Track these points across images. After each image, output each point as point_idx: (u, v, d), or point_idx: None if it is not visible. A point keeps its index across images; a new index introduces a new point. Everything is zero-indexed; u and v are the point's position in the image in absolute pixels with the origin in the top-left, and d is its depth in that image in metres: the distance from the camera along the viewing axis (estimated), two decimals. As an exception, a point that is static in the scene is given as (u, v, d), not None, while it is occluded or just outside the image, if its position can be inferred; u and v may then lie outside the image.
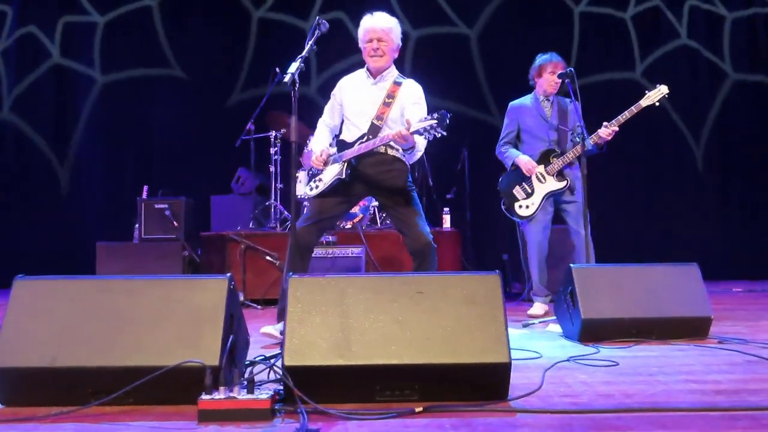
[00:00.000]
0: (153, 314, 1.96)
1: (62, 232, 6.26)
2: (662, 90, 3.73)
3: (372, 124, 3.02)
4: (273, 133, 5.16)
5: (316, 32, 2.92)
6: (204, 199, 5.54)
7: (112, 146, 6.47)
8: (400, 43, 3.14)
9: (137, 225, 5.08)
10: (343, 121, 3.19)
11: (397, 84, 3.08)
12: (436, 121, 2.67)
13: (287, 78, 2.66)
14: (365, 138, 3.00)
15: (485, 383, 1.90)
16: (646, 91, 3.76)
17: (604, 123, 3.77)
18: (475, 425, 1.70)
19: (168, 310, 1.96)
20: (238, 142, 5.21)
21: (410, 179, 3.13)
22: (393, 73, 3.13)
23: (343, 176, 3.00)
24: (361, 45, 3.10)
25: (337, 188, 3.04)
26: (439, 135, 2.70)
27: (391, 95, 3.04)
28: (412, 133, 2.76)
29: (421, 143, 2.96)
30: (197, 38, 6.41)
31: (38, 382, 1.88)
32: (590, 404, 1.87)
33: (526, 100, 4.11)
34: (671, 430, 1.64)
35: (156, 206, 5.02)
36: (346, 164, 3.00)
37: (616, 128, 3.76)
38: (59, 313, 1.97)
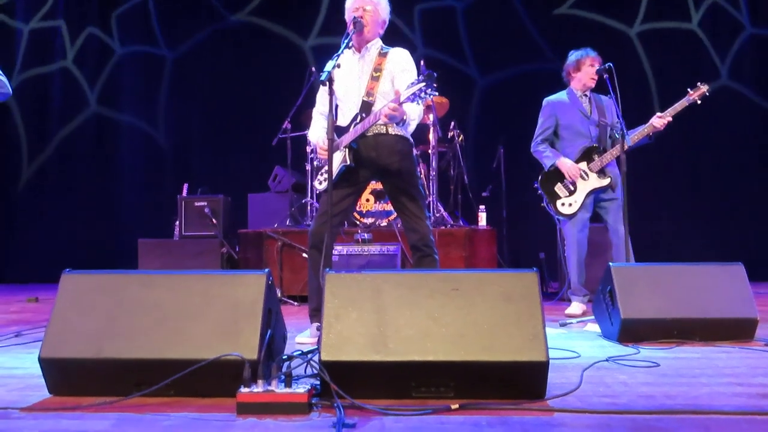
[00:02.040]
0: (194, 308, 2.00)
1: (106, 229, 6.47)
2: (702, 89, 3.67)
3: (363, 101, 2.94)
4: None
5: (353, 31, 2.91)
6: (242, 196, 5.63)
7: (154, 146, 6.66)
8: (387, 19, 3.05)
9: (177, 222, 5.20)
10: (337, 106, 3.06)
11: (383, 55, 2.98)
12: (424, 83, 2.59)
13: (324, 75, 2.66)
14: (359, 118, 2.92)
15: (522, 382, 1.88)
16: (688, 89, 3.70)
17: (657, 113, 3.72)
18: (511, 423, 1.68)
19: (208, 305, 2.00)
20: (274, 140, 5.29)
21: (416, 162, 3.02)
22: (378, 44, 3.03)
23: (348, 162, 2.91)
24: (347, 16, 2.98)
25: (343, 176, 2.95)
26: (430, 96, 2.63)
27: (378, 68, 2.95)
28: (403, 103, 2.68)
29: (414, 111, 2.86)
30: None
31: (84, 373, 1.94)
32: (630, 405, 1.84)
33: (563, 95, 4.03)
34: (715, 433, 1.59)
35: (195, 204, 5.14)
36: (347, 149, 2.91)
37: (670, 119, 3.69)
38: (104, 306, 2.03)
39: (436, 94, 2.63)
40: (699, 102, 3.68)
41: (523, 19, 6.38)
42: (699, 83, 3.69)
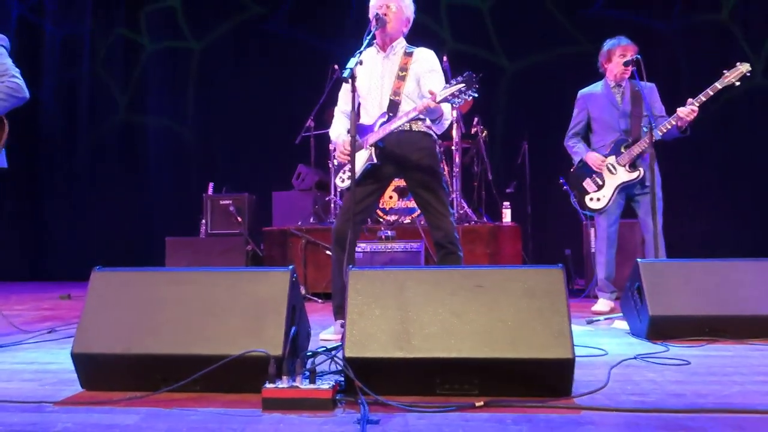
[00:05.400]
0: (219, 305, 2.02)
1: (134, 228, 6.58)
2: (742, 69, 3.41)
3: (390, 100, 2.93)
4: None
5: (376, 27, 2.89)
6: (266, 195, 5.67)
7: (180, 145, 6.75)
8: (411, 17, 3.03)
9: (203, 221, 5.26)
10: (359, 104, 3.05)
11: (408, 54, 2.97)
12: (463, 85, 2.54)
13: (346, 72, 2.66)
14: (386, 116, 2.91)
15: (547, 379, 1.86)
16: (724, 71, 3.44)
17: (689, 99, 3.49)
18: (537, 421, 1.66)
19: (234, 301, 2.03)
20: (298, 138, 5.31)
21: (440, 159, 3.02)
22: (402, 43, 3.02)
23: (375, 160, 2.91)
24: (370, 13, 2.96)
25: (367, 173, 2.95)
26: (469, 98, 2.58)
27: (403, 68, 2.94)
28: (440, 102, 2.65)
29: (448, 111, 2.85)
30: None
31: (114, 368, 1.98)
32: (660, 403, 1.81)
33: (597, 87, 3.92)
34: (748, 433, 1.56)
35: (221, 202, 5.20)
36: (373, 147, 2.90)
37: (696, 107, 3.48)
38: (133, 303, 2.06)
39: (476, 95, 2.59)
40: (737, 83, 3.42)
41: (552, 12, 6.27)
42: (738, 63, 3.43)
